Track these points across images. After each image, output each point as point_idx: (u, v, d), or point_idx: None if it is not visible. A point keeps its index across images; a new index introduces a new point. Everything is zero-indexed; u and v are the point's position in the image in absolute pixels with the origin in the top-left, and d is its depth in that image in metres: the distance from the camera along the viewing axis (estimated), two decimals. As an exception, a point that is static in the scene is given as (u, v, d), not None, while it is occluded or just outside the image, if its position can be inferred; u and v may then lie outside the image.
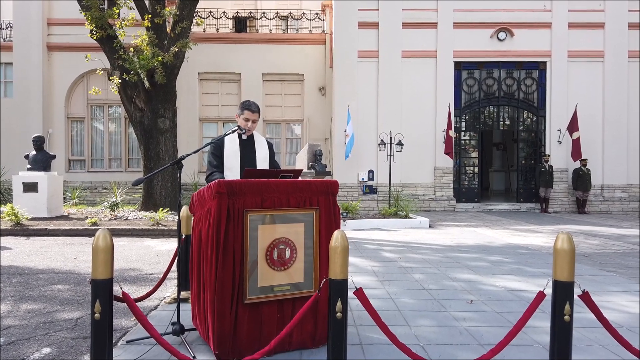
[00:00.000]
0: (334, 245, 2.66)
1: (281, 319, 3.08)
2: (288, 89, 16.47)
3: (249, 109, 3.67)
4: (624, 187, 14.91)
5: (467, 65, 15.11)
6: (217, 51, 15.86)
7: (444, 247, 7.67)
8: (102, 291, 2.56)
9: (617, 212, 14.72)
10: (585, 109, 14.51)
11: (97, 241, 2.58)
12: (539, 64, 15.08)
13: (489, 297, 4.56)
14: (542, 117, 15.16)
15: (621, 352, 3.17)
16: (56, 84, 16.09)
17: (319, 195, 3.18)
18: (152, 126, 10.62)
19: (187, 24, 10.31)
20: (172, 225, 9.07)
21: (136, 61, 9.83)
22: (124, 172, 16.46)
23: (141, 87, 10.49)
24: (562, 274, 2.61)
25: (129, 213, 10.37)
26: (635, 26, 14.73)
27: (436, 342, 3.31)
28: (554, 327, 2.64)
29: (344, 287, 2.67)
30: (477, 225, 10.90)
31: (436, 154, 14.80)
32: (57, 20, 15.89)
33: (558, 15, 14.79)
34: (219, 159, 3.67)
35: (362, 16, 14.64)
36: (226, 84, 16.39)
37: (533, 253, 7.19)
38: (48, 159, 10.26)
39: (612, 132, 14.80)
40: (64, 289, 4.77)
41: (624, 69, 14.75)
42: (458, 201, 15.01)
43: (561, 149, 14.83)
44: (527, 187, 15.42)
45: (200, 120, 16.34)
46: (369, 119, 14.65)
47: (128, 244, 7.89)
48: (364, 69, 14.68)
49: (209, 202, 3.00)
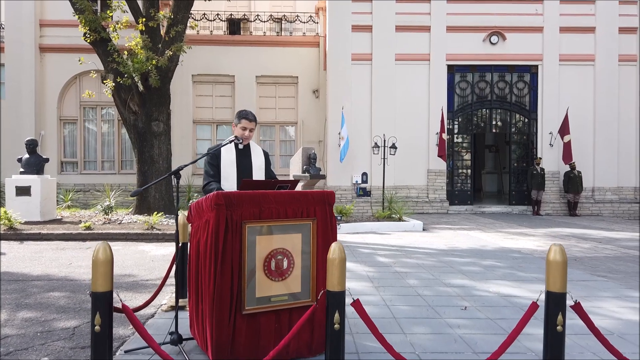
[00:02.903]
0: (331, 257, 2.70)
1: (278, 329, 3.11)
2: (282, 91, 16.49)
3: (246, 118, 3.71)
4: (615, 189, 15.08)
5: (460, 69, 15.21)
6: (211, 53, 15.85)
7: (438, 251, 7.73)
8: (102, 304, 2.60)
9: (607, 214, 14.88)
10: (577, 112, 14.66)
11: (97, 254, 2.62)
12: (531, 68, 15.22)
13: (482, 303, 4.62)
14: (534, 120, 15.29)
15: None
16: (48, 86, 16.01)
17: (316, 205, 3.21)
18: (146, 129, 10.61)
19: (182, 27, 10.31)
20: (166, 229, 9.07)
21: (130, 64, 9.82)
22: (117, 174, 16.41)
23: (135, 91, 10.48)
24: (554, 285, 2.66)
25: (123, 216, 10.35)
26: (625, 30, 14.90)
27: (432, 351, 3.36)
28: (547, 337, 2.70)
29: (342, 299, 2.71)
30: (470, 228, 10.98)
31: (429, 157, 14.88)
32: (49, 22, 15.82)
33: (549, 19, 14.93)
34: (216, 168, 3.70)
35: (355, 19, 14.70)
36: (220, 86, 16.39)
37: (525, 257, 7.27)
38: (41, 162, 10.21)
39: (603, 135, 14.96)
40: (60, 296, 4.77)
41: (615, 73, 14.91)
42: (451, 204, 15.11)
43: (552, 152, 14.97)
44: (519, 190, 15.55)
45: (194, 122, 16.32)
46: (362, 122, 14.71)
47: (122, 248, 7.88)
48: (357, 72, 14.74)
49: (207, 213, 3.03)
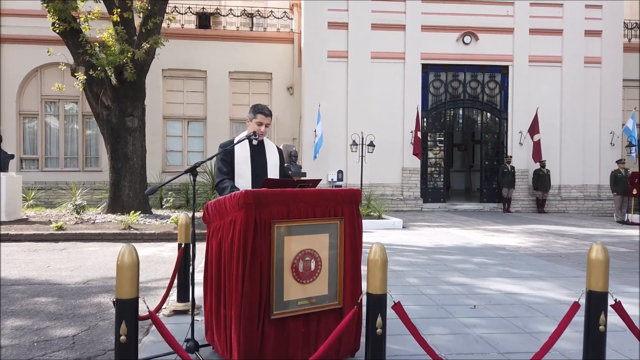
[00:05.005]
0: (373, 258, 2.60)
1: (306, 334, 2.97)
2: (255, 87, 16.21)
3: (262, 113, 3.53)
4: (580, 187, 15.61)
5: (434, 68, 15.37)
6: (182, 47, 15.36)
7: (426, 249, 7.74)
8: (129, 311, 2.38)
9: (573, 211, 15.38)
10: (545, 112, 15.06)
11: (123, 257, 2.40)
12: (502, 68, 15.55)
13: (489, 301, 4.61)
14: (504, 119, 15.63)
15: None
16: (7, 79, 15.14)
17: (344, 205, 3.09)
18: (120, 125, 10.16)
19: (160, 19, 9.91)
20: (145, 229, 8.70)
21: (104, 57, 9.37)
22: (81, 172, 15.74)
23: (108, 84, 10.01)
24: (596, 285, 2.63)
25: (95, 216, 9.89)
26: (590, 33, 15.42)
27: (457, 352, 3.29)
28: (587, 336, 2.67)
29: (384, 302, 2.60)
30: (448, 226, 11.09)
31: (404, 155, 14.97)
32: (8, 11, 14.94)
33: (520, 21, 15.28)
34: (229, 165, 3.52)
35: (332, 16, 14.60)
36: (191, 81, 15.95)
37: (512, 254, 7.36)
38: (6, 158, 9.62)
39: (569, 134, 15.45)
40: (48, 301, 4.45)
41: (581, 75, 15.42)
42: (425, 201, 15.25)
43: (522, 150, 15.35)
44: (490, 188, 15.87)
45: (164, 118, 15.82)
46: (338, 119, 14.64)
47: (100, 249, 7.50)
48: (333, 70, 14.65)
49: (233, 212, 2.85)
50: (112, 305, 4.39)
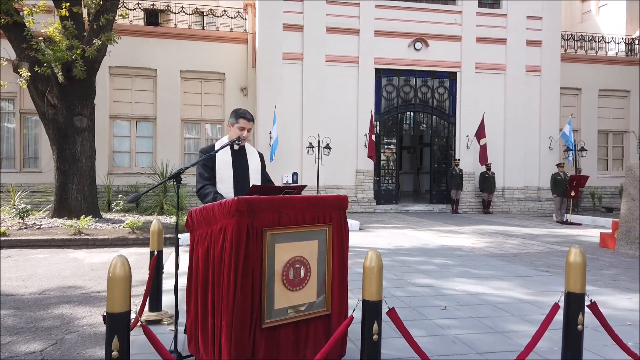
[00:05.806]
0: (369, 265, 2.63)
1: (296, 342, 2.96)
2: (208, 87, 15.88)
3: (244, 118, 3.48)
4: (521, 189, 16.42)
5: (387, 72, 15.68)
6: (131, 44, 14.78)
7: (387, 251, 7.88)
8: (121, 326, 2.28)
9: (515, 211, 16.16)
10: (491, 117, 15.73)
11: (115, 269, 2.29)
12: (451, 74, 16.08)
13: (457, 302, 4.76)
14: (452, 124, 16.18)
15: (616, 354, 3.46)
16: None
17: (332, 211, 3.10)
18: (67, 125, 9.65)
19: (112, 16, 9.50)
20: (96, 234, 8.32)
21: (50, 53, 8.87)
22: (19, 173, 14.84)
23: (54, 82, 9.49)
24: (575, 286, 2.79)
25: (40, 221, 9.35)
26: (532, 43, 16.27)
27: (438, 354, 3.39)
28: (566, 336, 2.82)
29: (380, 309, 2.64)
30: (402, 227, 11.34)
31: (358, 157, 15.16)
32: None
33: (467, 29, 15.88)
34: (211, 170, 3.44)
35: (287, 18, 14.56)
36: (140, 80, 15.41)
37: (468, 255, 7.64)
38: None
39: (512, 139, 16.22)
40: (5, 314, 4.17)
41: (523, 82, 16.23)
42: (378, 203, 15.52)
43: (469, 154, 15.94)
44: (439, 189, 16.37)
45: (111, 117, 15.18)
46: (293, 122, 14.62)
47: (50, 256, 7.10)
48: (289, 71, 14.62)
49: (223, 220, 2.79)
50: (77, 317, 4.20)
